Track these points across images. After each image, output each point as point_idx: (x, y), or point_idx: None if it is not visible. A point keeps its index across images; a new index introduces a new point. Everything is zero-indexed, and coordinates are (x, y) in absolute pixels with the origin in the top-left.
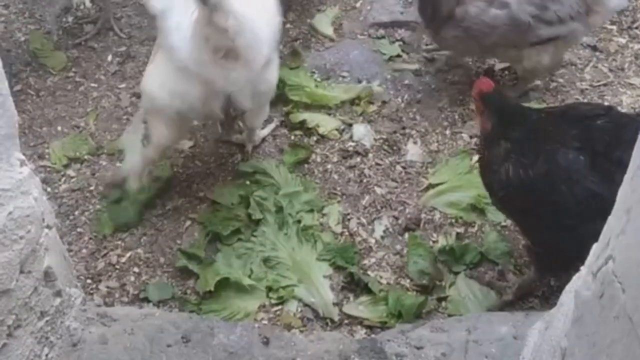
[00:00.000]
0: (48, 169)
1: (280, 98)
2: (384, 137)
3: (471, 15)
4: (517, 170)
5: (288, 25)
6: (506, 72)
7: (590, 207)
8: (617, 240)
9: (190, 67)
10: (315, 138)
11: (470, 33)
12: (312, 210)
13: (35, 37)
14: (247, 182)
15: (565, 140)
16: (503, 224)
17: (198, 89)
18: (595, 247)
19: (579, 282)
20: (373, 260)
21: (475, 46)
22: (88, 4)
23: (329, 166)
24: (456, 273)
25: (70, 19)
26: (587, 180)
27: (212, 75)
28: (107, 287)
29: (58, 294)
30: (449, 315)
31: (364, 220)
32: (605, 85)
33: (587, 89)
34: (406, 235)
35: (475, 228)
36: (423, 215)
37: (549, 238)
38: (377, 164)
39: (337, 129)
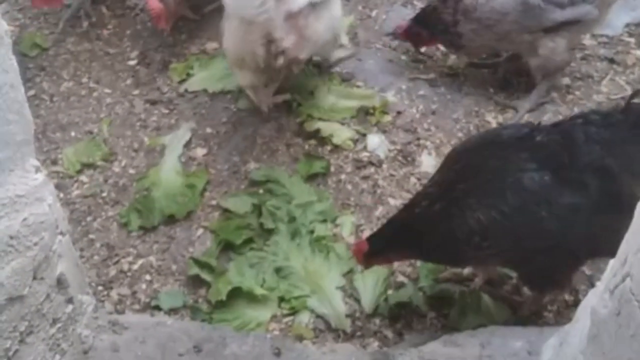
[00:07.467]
0: (61, 175)
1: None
2: (399, 147)
3: (481, 4)
4: (488, 214)
5: None
6: (521, 82)
7: (570, 220)
8: (635, 257)
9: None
10: (329, 148)
11: (483, 23)
12: (325, 221)
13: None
14: (260, 191)
15: (520, 167)
16: None
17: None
18: (612, 264)
19: (595, 299)
20: None
21: (491, 36)
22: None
23: (342, 176)
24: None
25: (85, 24)
26: (563, 196)
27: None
28: (119, 294)
29: (70, 300)
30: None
31: None
32: (622, 98)
33: (603, 102)
34: None
35: None
36: None
37: (535, 262)
38: (391, 174)
39: (351, 139)
